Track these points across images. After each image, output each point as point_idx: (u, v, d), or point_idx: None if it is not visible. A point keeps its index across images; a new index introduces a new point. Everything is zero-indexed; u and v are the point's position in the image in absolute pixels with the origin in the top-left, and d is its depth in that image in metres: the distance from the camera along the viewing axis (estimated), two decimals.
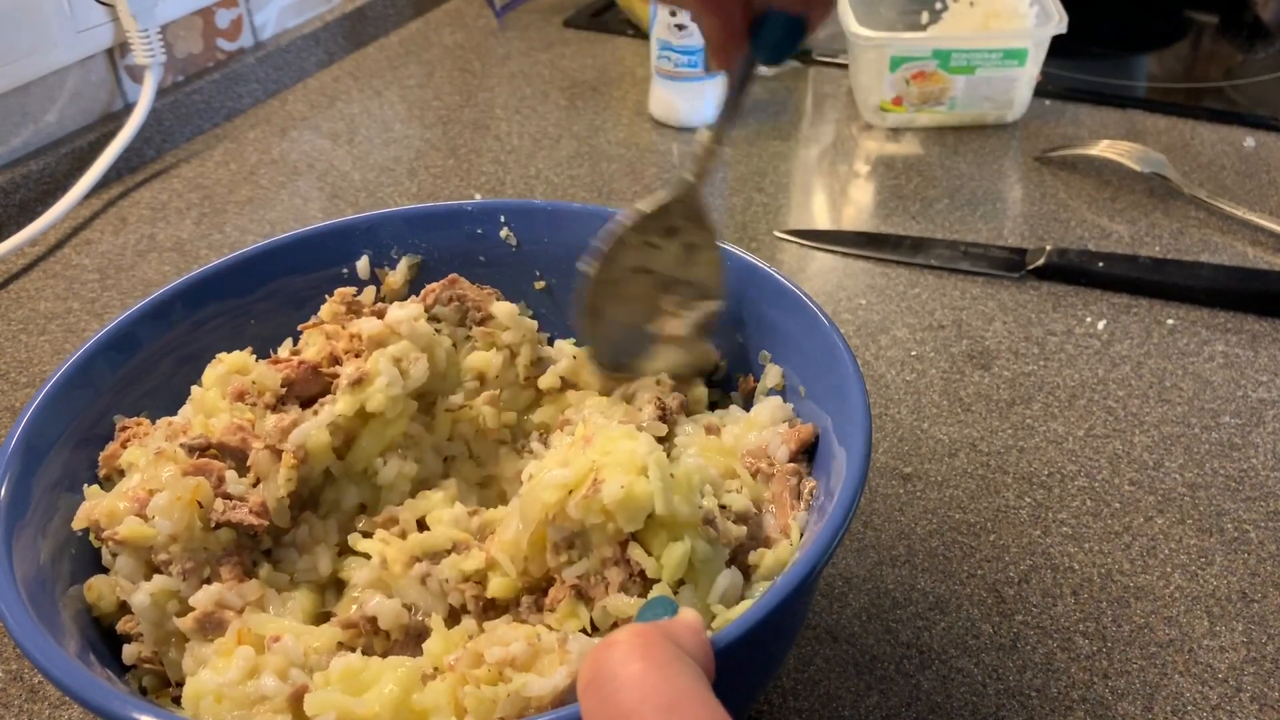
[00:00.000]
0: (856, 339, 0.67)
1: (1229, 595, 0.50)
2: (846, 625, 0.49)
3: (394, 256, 0.52)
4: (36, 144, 0.84)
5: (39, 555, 0.39)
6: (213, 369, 0.45)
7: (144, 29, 0.85)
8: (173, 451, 0.41)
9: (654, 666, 0.27)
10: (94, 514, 0.40)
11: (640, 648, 0.28)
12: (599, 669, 0.28)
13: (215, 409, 0.44)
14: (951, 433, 0.60)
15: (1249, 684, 0.46)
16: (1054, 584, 0.51)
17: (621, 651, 0.28)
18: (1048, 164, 0.85)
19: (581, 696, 0.28)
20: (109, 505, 0.40)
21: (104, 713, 0.32)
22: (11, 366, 0.67)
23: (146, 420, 0.45)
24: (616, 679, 0.27)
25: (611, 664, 0.28)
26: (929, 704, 0.46)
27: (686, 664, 0.28)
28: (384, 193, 0.84)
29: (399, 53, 1.08)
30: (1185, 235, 0.76)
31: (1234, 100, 0.96)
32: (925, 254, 0.74)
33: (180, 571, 0.40)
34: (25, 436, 0.40)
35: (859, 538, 0.53)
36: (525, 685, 0.34)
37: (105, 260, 0.77)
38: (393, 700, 0.35)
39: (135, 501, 0.40)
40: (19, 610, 0.35)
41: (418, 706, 0.35)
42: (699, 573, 0.38)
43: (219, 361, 0.45)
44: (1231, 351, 0.65)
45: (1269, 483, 0.56)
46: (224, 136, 0.94)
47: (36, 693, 0.48)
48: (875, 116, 0.90)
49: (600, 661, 0.28)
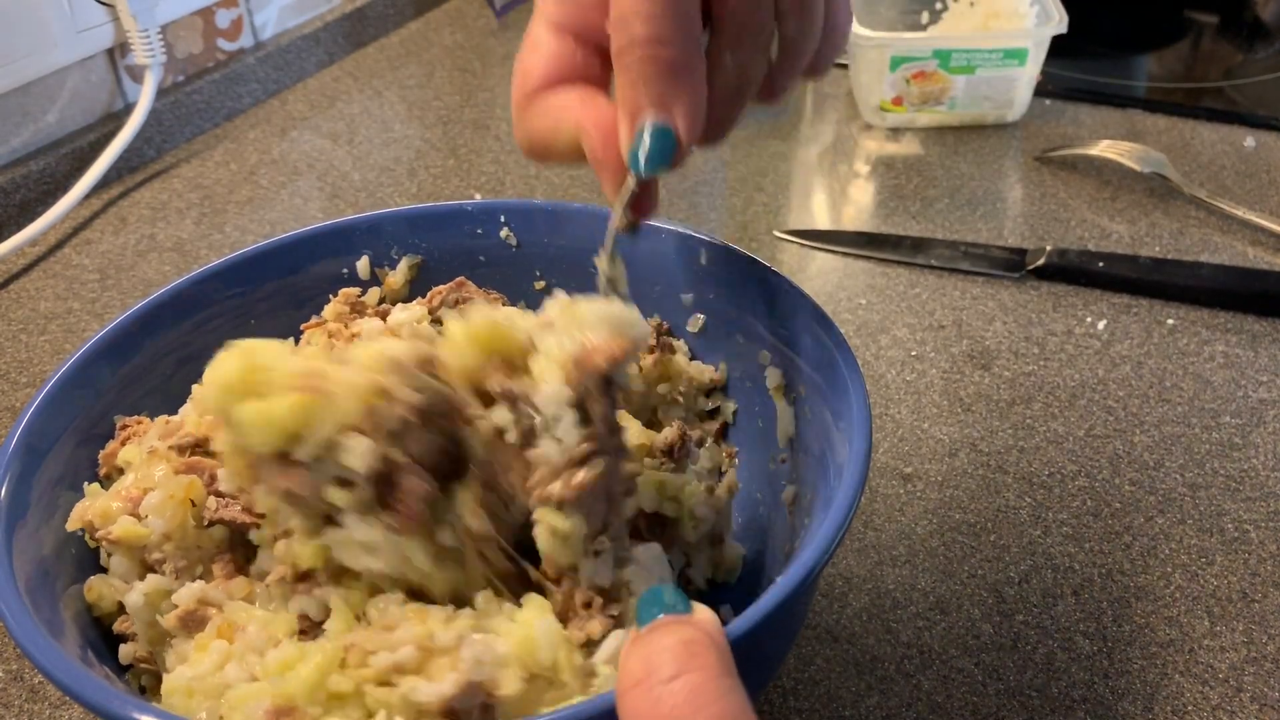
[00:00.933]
0: (856, 339, 0.67)
1: (1229, 595, 0.50)
2: (846, 625, 0.49)
3: (394, 256, 0.52)
4: (36, 144, 0.84)
5: (39, 555, 0.39)
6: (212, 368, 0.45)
7: (144, 29, 0.85)
8: (164, 451, 0.41)
9: (710, 679, 0.27)
10: (88, 514, 0.40)
11: (697, 655, 0.27)
12: (650, 671, 0.27)
13: None
14: (951, 433, 0.60)
15: (1249, 684, 0.46)
16: (1054, 584, 0.51)
17: (676, 654, 0.27)
18: (1048, 164, 0.85)
19: (625, 695, 0.27)
20: (102, 505, 0.40)
21: (104, 713, 0.32)
22: (11, 366, 0.67)
23: (147, 419, 0.45)
24: (671, 684, 0.26)
25: (664, 667, 0.27)
26: (929, 704, 0.46)
27: (736, 678, 0.27)
28: (384, 193, 0.84)
29: (399, 53, 1.08)
30: (1185, 235, 0.76)
31: (1234, 100, 0.96)
32: (925, 254, 0.74)
33: (174, 570, 0.40)
34: (25, 436, 0.40)
35: (859, 538, 0.53)
36: (414, 690, 0.33)
37: (105, 260, 0.77)
38: (308, 682, 0.34)
39: (129, 501, 0.40)
40: (19, 610, 0.35)
41: (334, 689, 0.34)
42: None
43: None
44: (1231, 351, 0.65)
45: (1269, 483, 0.56)
46: (224, 136, 0.94)
47: (37, 693, 0.48)
48: (875, 116, 0.90)
49: (653, 663, 0.27)
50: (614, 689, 0.28)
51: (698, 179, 0.85)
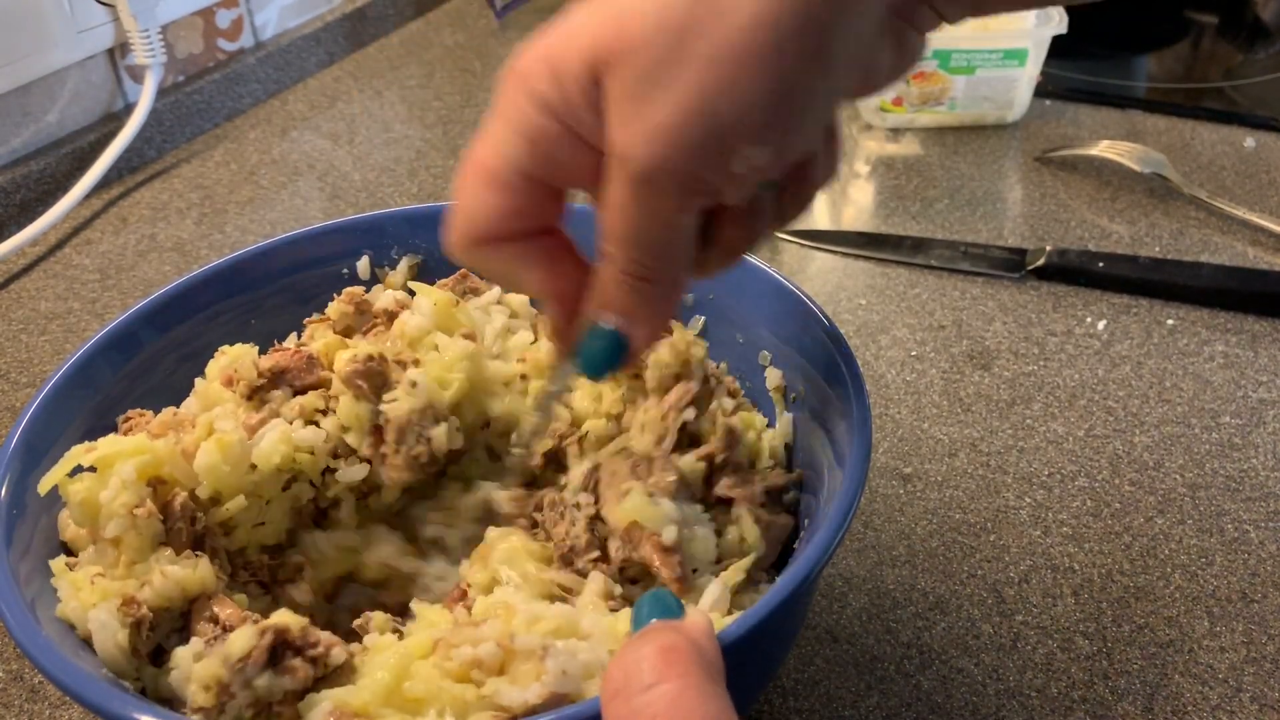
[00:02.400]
0: (856, 339, 0.67)
1: (1229, 595, 0.50)
2: (846, 625, 0.49)
3: (394, 256, 0.52)
4: (37, 144, 0.84)
5: (39, 554, 0.39)
6: (216, 362, 0.46)
7: (144, 29, 0.85)
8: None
9: (690, 686, 0.26)
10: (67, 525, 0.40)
11: (676, 664, 0.27)
12: (629, 679, 0.27)
13: (220, 399, 0.44)
14: (951, 433, 0.60)
15: (1249, 684, 0.46)
16: (1054, 584, 0.51)
17: (654, 663, 0.27)
18: (1048, 164, 0.85)
19: (608, 704, 0.27)
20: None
21: (104, 713, 0.32)
22: (11, 366, 0.67)
23: (150, 413, 0.45)
24: (649, 693, 0.26)
25: (643, 675, 0.27)
26: (929, 704, 0.46)
27: (720, 684, 0.27)
28: (384, 193, 0.84)
29: (399, 53, 1.08)
30: (1185, 235, 0.76)
31: (1234, 100, 0.96)
32: (925, 254, 0.74)
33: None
34: (25, 436, 0.40)
35: (859, 538, 0.53)
36: (497, 693, 0.33)
37: (106, 260, 0.77)
38: (384, 688, 0.34)
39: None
40: (19, 610, 0.35)
41: (410, 695, 0.35)
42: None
43: (222, 354, 0.46)
44: (1231, 351, 0.65)
45: (1269, 483, 0.56)
46: (224, 136, 0.94)
47: (37, 693, 0.48)
48: (875, 116, 0.90)
49: (630, 671, 0.27)
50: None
51: None
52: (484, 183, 0.32)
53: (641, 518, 0.38)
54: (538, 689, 0.33)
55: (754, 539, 0.40)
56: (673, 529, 0.38)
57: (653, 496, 0.39)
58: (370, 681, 0.35)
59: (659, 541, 0.38)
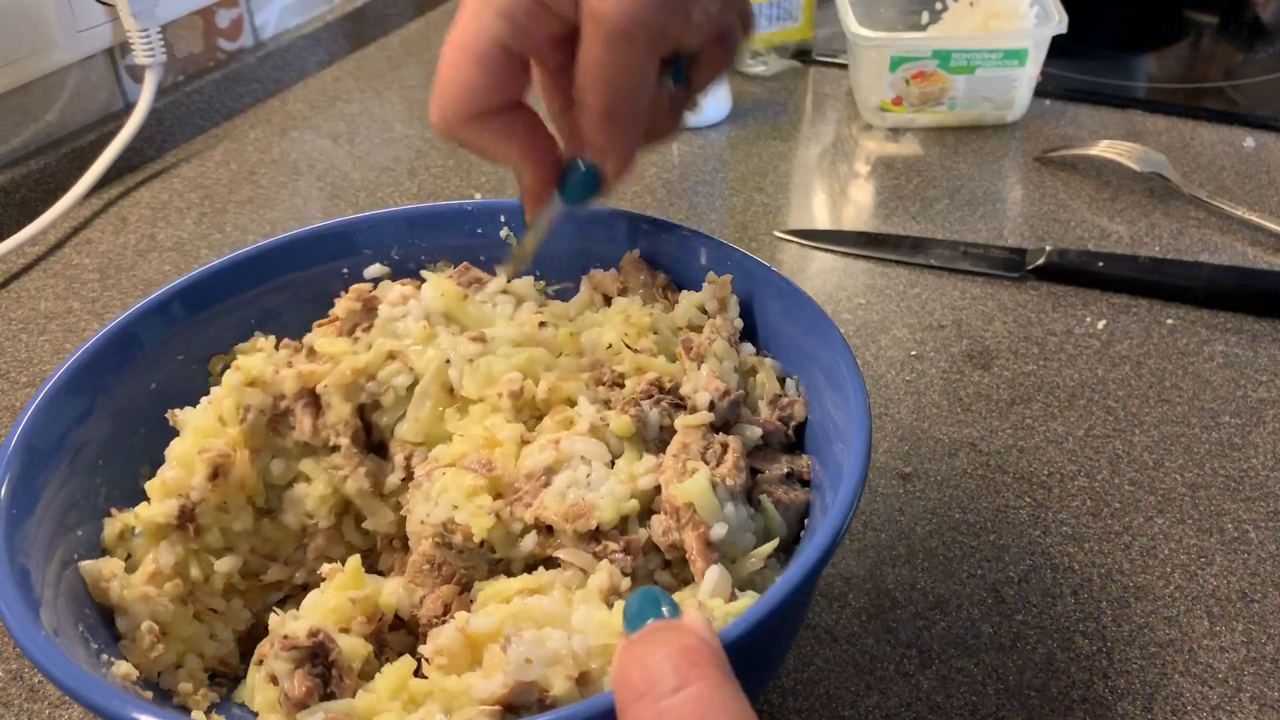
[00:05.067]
0: (856, 339, 0.67)
1: (1229, 595, 0.50)
2: (846, 625, 0.49)
3: (394, 256, 0.52)
4: (37, 144, 0.84)
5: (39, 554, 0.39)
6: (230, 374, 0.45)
7: (144, 29, 0.85)
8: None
9: (715, 686, 0.26)
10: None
11: (699, 665, 0.27)
12: (652, 682, 0.27)
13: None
14: (951, 433, 0.60)
15: (1249, 684, 0.46)
16: (1054, 584, 0.51)
17: (677, 665, 0.27)
18: (1048, 164, 0.85)
19: (627, 709, 0.27)
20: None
21: (104, 713, 0.32)
22: (11, 366, 0.67)
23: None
24: (677, 696, 0.26)
25: (667, 678, 0.27)
26: (929, 704, 0.46)
27: (736, 683, 0.27)
28: (384, 193, 0.84)
29: (399, 53, 1.08)
30: (1185, 235, 0.76)
31: (1234, 100, 0.96)
32: (925, 254, 0.74)
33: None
34: (25, 436, 0.40)
35: (859, 538, 0.53)
36: (471, 686, 0.33)
37: (105, 260, 0.77)
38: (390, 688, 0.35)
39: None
40: (19, 610, 0.35)
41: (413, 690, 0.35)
42: None
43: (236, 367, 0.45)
44: (1231, 351, 0.65)
45: (1269, 483, 0.56)
46: (224, 136, 0.94)
47: (36, 692, 0.48)
48: (875, 116, 0.90)
49: (654, 674, 0.27)
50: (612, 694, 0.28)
51: (697, 179, 0.85)
52: (468, 59, 0.37)
53: (699, 504, 0.38)
54: (501, 679, 0.33)
55: (776, 524, 0.40)
56: (723, 527, 0.38)
57: (716, 487, 0.39)
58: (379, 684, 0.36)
59: (705, 534, 0.38)
